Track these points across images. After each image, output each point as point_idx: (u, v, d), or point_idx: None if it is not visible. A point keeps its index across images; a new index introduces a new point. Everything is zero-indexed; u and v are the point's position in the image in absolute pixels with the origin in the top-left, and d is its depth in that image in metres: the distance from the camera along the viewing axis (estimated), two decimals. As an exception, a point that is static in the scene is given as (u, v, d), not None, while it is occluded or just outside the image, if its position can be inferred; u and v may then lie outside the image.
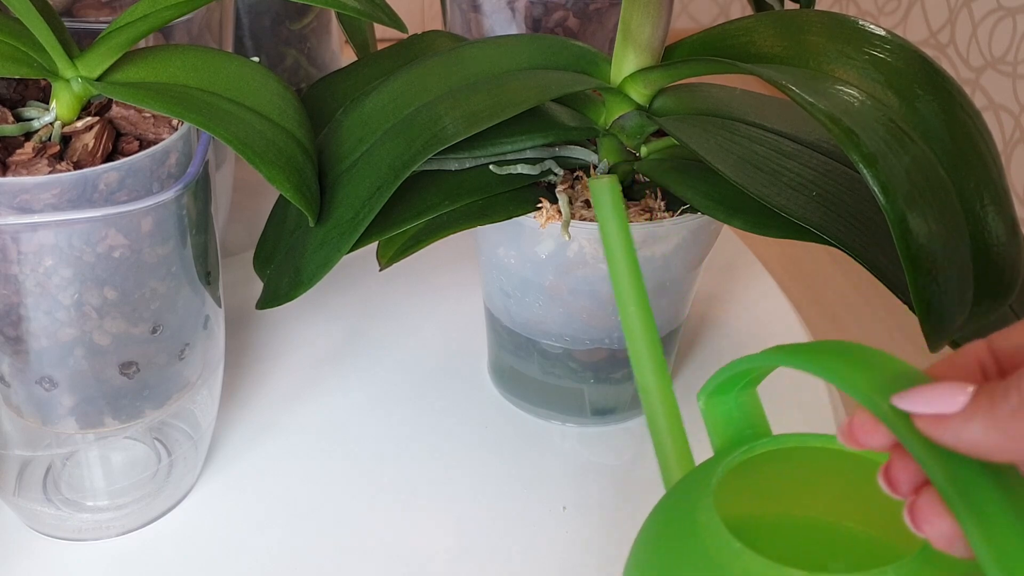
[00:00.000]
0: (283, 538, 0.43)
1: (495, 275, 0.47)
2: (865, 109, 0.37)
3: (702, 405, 0.32)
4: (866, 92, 0.38)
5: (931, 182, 0.36)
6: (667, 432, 0.32)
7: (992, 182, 0.37)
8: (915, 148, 0.36)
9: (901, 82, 0.38)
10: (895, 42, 0.40)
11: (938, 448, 0.23)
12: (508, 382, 0.51)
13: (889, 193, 0.34)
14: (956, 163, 0.37)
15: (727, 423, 0.32)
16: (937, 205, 0.35)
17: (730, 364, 0.30)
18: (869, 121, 0.36)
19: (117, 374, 0.37)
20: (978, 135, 0.38)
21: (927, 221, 0.35)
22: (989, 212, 0.37)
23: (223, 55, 0.41)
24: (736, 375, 0.31)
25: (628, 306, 0.33)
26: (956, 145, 0.37)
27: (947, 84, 0.38)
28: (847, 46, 0.40)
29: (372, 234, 0.40)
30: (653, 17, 0.41)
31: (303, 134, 0.41)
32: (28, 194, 0.33)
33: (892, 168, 0.34)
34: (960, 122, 0.38)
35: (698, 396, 0.32)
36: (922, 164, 0.36)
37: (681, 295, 0.46)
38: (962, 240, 0.36)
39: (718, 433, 0.32)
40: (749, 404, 0.32)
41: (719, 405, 0.32)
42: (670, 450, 0.32)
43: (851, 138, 0.34)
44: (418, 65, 0.43)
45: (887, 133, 0.36)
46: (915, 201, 0.35)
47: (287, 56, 0.73)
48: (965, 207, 0.37)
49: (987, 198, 0.37)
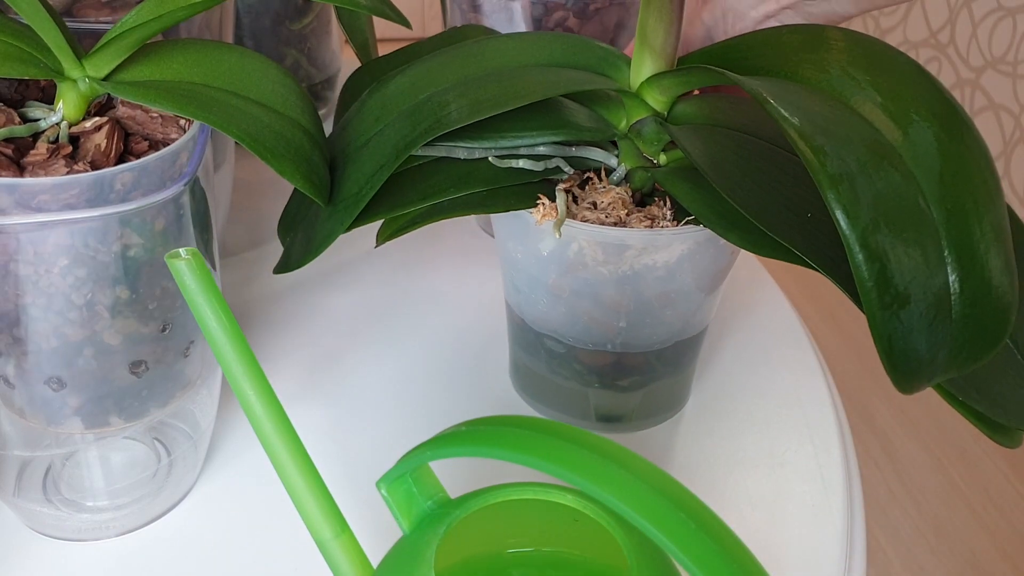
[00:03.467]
0: (283, 538, 0.43)
1: (508, 269, 0.47)
2: (847, 129, 0.35)
3: (384, 493, 0.32)
4: (857, 113, 0.37)
5: (906, 211, 0.34)
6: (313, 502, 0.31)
7: (987, 218, 0.35)
8: (893, 175, 0.34)
9: (898, 106, 0.37)
10: (907, 66, 0.38)
11: None
12: (522, 379, 0.51)
13: (850, 217, 0.32)
14: (945, 195, 0.35)
15: (410, 502, 0.32)
16: (908, 236, 0.34)
17: (405, 458, 0.31)
18: (847, 142, 0.34)
19: (127, 373, 0.37)
20: (977, 169, 0.36)
21: (892, 251, 0.33)
22: (980, 249, 0.35)
23: (222, 47, 0.41)
24: (410, 462, 0.31)
25: (243, 388, 0.30)
26: (948, 176, 0.35)
27: (952, 115, 0.37)
28: (855, 67, 0.39)
29: (380, 211, 0.41)
30: (666, 22, 0.40)
31: (307, 120, 0.41)
32: (47, 195, 0.33)
33: (859, 192, 0.33)
34: (956, 154, 0.36)
35: (377, 486, 0.32)
36: (899, 192, 0.34)
37: (691, 309, 0.45)
38: (937, 275, 0.34)
39: (403, 513, 0.32)
40: (424, 477, 0.32)
41: (399, 488, 0.32)
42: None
43: (818, 156, 0.33)
44: (442, 54, 0.44)
45: (866, 156, 0.34)
46: (879, 228, 0.33)
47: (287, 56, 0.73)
48: (951, 242, 0.35)
49: (980, 234, 0.35)
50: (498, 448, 0.27)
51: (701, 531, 0.25)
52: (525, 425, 0.28)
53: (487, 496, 0.31)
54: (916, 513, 1.41)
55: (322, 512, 0.31)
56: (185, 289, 0.29)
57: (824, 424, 0.51)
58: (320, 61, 0.76)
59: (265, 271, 0.60)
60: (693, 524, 0.25)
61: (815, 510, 0.45)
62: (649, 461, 0.26)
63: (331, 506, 0.31)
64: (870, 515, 1.22)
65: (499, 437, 0.28)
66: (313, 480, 0.31)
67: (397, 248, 0.63)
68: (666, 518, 0.25)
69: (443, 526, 0.30)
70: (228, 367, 0.29)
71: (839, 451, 0.49)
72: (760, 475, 0.47)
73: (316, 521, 0.31)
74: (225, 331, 0.29)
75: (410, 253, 0.63)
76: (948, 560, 1.34)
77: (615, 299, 0.43)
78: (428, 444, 0.30)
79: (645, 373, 0.47)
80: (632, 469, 0.26)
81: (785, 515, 0.45)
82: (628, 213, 0.42)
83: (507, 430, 0.28)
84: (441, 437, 0.30)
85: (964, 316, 0.34)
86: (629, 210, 0.42)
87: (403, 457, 0.31)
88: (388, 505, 0.32)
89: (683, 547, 0.24)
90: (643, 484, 0.25)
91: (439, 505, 0.32)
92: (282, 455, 0.30)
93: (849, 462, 0.49)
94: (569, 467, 0.26)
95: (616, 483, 0.25)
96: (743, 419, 0.51)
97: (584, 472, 0.26)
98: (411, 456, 0.31)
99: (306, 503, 0.31)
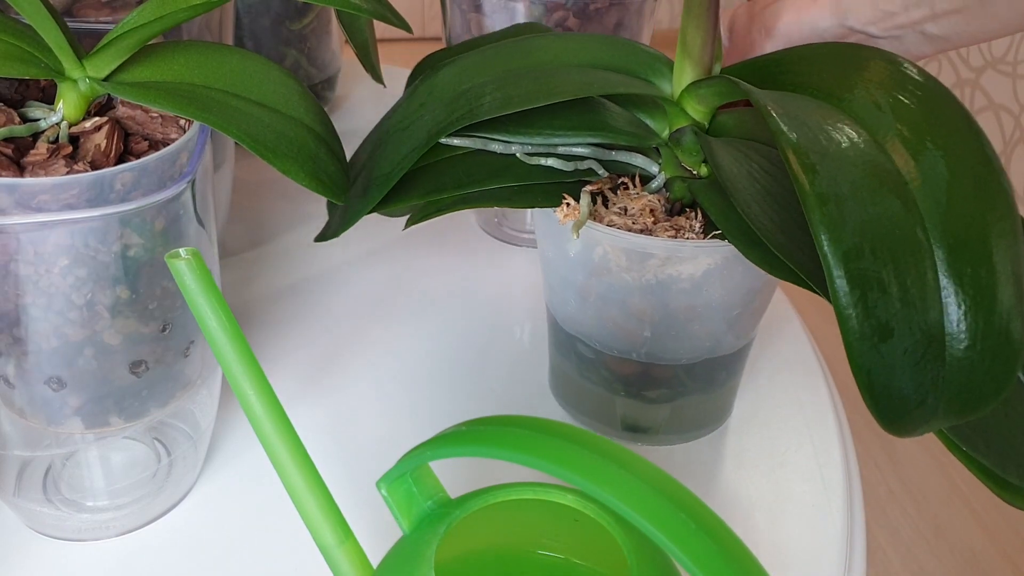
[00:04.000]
0: (284, 538, 0.43)
1: (544, 267, 0.48)
2: (850, 151, 0.34)
3: (384, 493, 0.32)
4: (871, 136, 0.35)
5: (899, 240, 0.32)
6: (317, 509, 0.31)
7: (998, 257, 0.32)
8: (892, 202, 0.33)
9: (915, 134, 0.35)
10: (932, 92, 0.37)
11: None
12: (556, 380, 0.51)
13: (832, 239, 0.31)
14: (949, 228, 0.33)
15: (410, 502, 0.32)
16: (898, 266, 0.32)
17: (405, 458, 0.31)
18: (846, 163, 0.33)
19: (127, 373, 0.37)
20: (991, 206, 0.33)
21: (876, 279, 0.31)
22: (987, 288, 0.32)
23: (223, 49, 0.41)
24: (410, 462, 0.31)
25: (244, 389, 0.30)
26: (956, 210, 0.33)
27: (972, 148, 0.34)
28: (881, 89, 0.37)
29: (415, 195, 0.42)
30: (703, 31, 0.40)
31: (312, 119, 0.41)
32: (48, 195, 0.33)
33: (847, 214, 0.32)
34: (970, 188, 0.34)
35: (377, 486, 0.32)
36: (895, 219, 0.32)
37: (721, 327, 0.44)
38: (930, 311, 0.32)
39: (403, 513, 0.32)
40: (424, 478, 0.32)
41: (399, 488, 0.32)
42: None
43: (807, 174, 0.32)
44: (492, 48, 0.45)
45: (862, 180, 0.33)
46: (863, 255, 0.31)
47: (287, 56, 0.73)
48: (952, 277, 0.32)
49: (986, 273, 0.32)
50: (498, 448, 0.27)
51: (701, 531, 0.25)
52: (525, 425, 0.28)
53: (487, 496, 0.31)
54: (916, 513, 1.41)
55: (325, 518, 0.31)
56: (185, 289, 0.29)
57: (824, 424, 0.51)
58: (320, 61, 0.76)
59: (265, 271, 0.60)
60: (693, 524, 0.25)
61: (815, 510, 0.45)
62: (649, 461, 0.26)
63: (334, 511, 0.31)
64: (870, 515, 1.22)
65: (499, 437, 0.28)
66: (315, 484, 0.31)
67: (397, 248, 0.63)
68: (666, 518, 0.25)
69: (443, 526, 0.30)
70: (228, 367, 0.29)
71: (839, 451, 0.49)
72: (760, 475, 0.47)
73: (319, 527, 0.31)
74: (225, 331, 0.29)
75: (410, 254, 0.63)
76: (948, 560, 1.34)
77: (640, 307, 0.43)
78: (428, 444, 0.30)
79: (674, 387, 0.47)
80: (632, 469, 0.26)
81: (785, 515, 0.45)
82: (655, 221, 0.41)
83: (507, 430, 0.28)
84: (441, 437, 0.30)
85: (961, 359, 0.32)
86: (657, 219, 0.41)
87: (403, 457, 0.31)
88: (388, 505, 0.32)
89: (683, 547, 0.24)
90: (643, 484, 0.25)
91: (439, 505, 0.32)
92: (282, 456, 0.30)
93: (849, 462, 0.49)
94: (569, 467, 0.26)
95: (616, 483, 0.25)
96: (743, 419, 0.51)
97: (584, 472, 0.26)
98: (411, 456, 0.31)
99: (308, 508, 0.31)
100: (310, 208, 0.63)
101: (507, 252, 0.64)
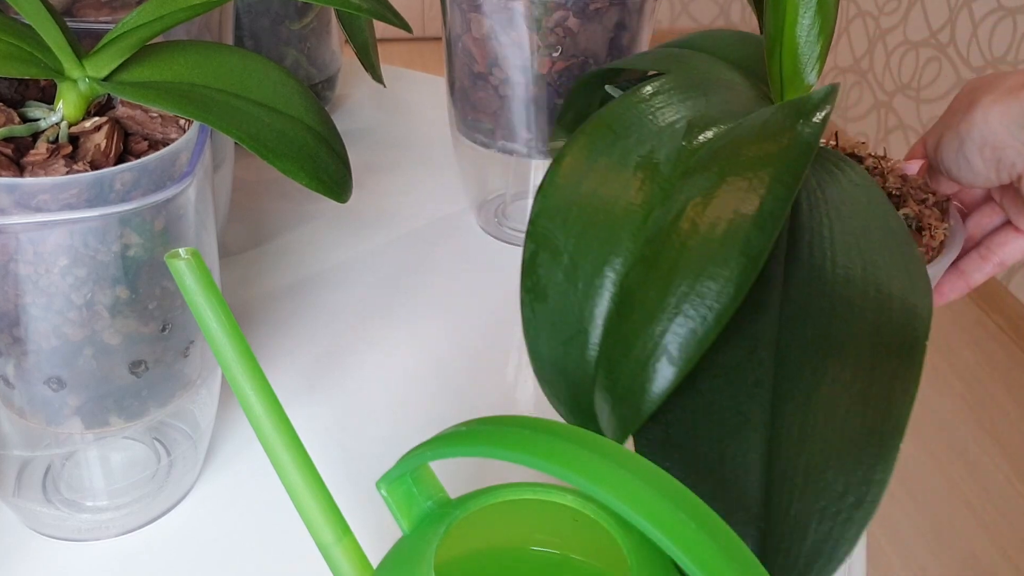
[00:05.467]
0: (283, 538, 0.43)
1: None
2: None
3: (384, 493, 0.32)
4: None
5: (600, 227, 0.32)
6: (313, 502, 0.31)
7: (664, 303, 0.31)
8: (621, 199, 0.33)
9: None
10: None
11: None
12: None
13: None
14: (648, 252, 0.32)
15: (410, 502, 0.32)
16: (579, 244, 0.32)
17: (405, 458, 0.31)
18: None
19: (127, 373, 0.37)
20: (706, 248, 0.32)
21: (551, 245, 0.32)
22: (637, 318, 0.31)
23: (223, 49, 0.41)
24: (410, 462, 0.31)
25: (244, 389, 0.30)
26: (664, 242, 0.32)
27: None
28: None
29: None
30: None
31: (312, 118, 0.41)
32: (47, 194, 0.33)
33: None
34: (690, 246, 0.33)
35: (377, 486, 0.32)
36: (611, 211, 0.32)
37: None
38: (587, 303, 0.32)
39: (403, 513, 0.32)
40: (424, 478, 0.32)
41: (399, 488, 0.32)
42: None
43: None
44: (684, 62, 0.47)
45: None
46: (554, 216, 0.33)
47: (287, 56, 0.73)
48: (620, 289, 0.32)
49: (643, 305, 0.31)
50: (498, 448, 0.27)
51: (701, 531, 0.25)
52: (525, 425, 0.28)
53: (487, 496, 0.31)
54: (916, 513, 1.41)
55: (323, 515, 0.31)
56: (185, 289, 0.29)
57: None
58: (320, 61, 0.76)
59: (265, 271, 0.60)
60: (693, 524, 0.25)
61: (815, 510, 0.45)
62: (649, 461, 0.26)
63: (332, 509, 0.31)
64: (870, 515, 1.22)
65: (499, 437, 0.28)
66: (314, 482, 0.31)
67: (397, 248, 0.63)
68: (666, 518, 0.25)
69: (443, 526, 0.30)
70: (228, 367, 0.29)
71: (839, 451, 0.49)
72: (760, 475, 0.47)
73: (317, 524, 0.31)
74: (225, 331, 0.29)
75: (410, 253, 0.63)
76: (948, 560, 1.34)
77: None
78: (428, 444, 0.30)
79: None
80: (632, 469, 0.26)
81: (785, 515, 0.45)
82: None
83: (507, 430, 0.28)
84: (441, 437, 0.30)
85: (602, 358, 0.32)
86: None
87: (403, 457, 0.31)
88: (388, 505, 0.32)
89: (683, 547, 0.24)
90: (643, 484, 0.25)
91: (439, 505, 0.32)
92: (282, 455, 0.30)
93: (849, 462, 0.48)
94: (569, 467, 0.26)
95: (616, 483, 0.25)
96: (743, 419, 0.51)
97: (584, 472, 0.26)
98: (411, 456, 0.31)
99: (307, 506, 0.31)
100: (310, 208, 0.63)
101: (507, 252, 0.64)
